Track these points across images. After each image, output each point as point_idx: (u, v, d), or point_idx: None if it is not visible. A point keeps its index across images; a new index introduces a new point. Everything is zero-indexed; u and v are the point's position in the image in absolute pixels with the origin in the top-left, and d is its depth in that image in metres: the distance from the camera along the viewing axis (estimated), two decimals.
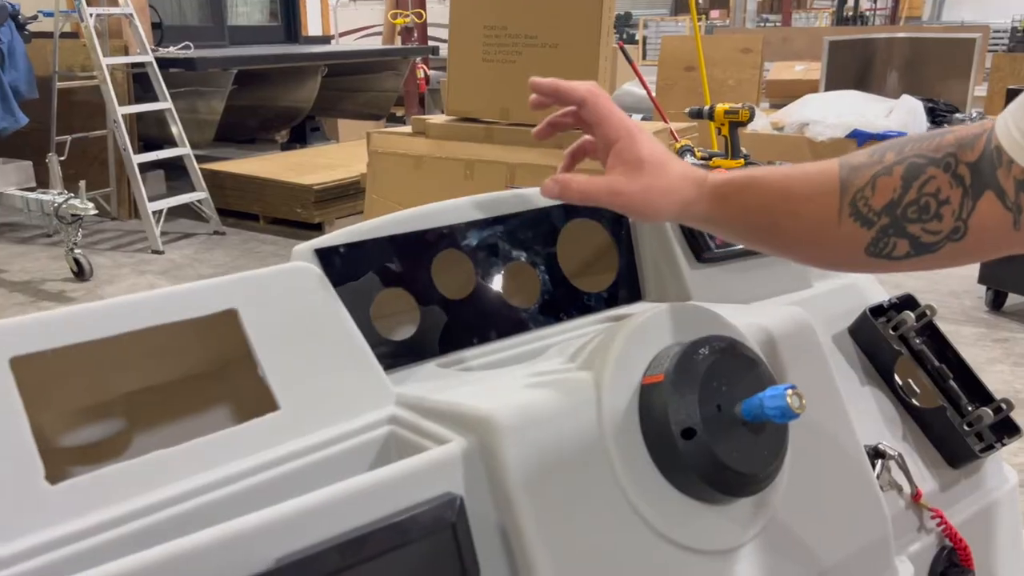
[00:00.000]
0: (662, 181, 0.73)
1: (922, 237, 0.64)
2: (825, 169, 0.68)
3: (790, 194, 0.69)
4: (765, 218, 0.71)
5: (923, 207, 0.63)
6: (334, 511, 0.57)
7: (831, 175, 0.67)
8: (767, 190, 0.71)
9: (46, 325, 0.61)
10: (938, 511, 0.89)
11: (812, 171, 0.69)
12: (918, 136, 0.66)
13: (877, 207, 0.65)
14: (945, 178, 0.62)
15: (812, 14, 18.84)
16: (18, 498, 0.56)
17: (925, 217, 0.63)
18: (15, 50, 4.72)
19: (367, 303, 0.83)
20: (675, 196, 0.73)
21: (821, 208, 0.67)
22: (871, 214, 0.65)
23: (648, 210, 0.73)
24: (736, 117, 2.97)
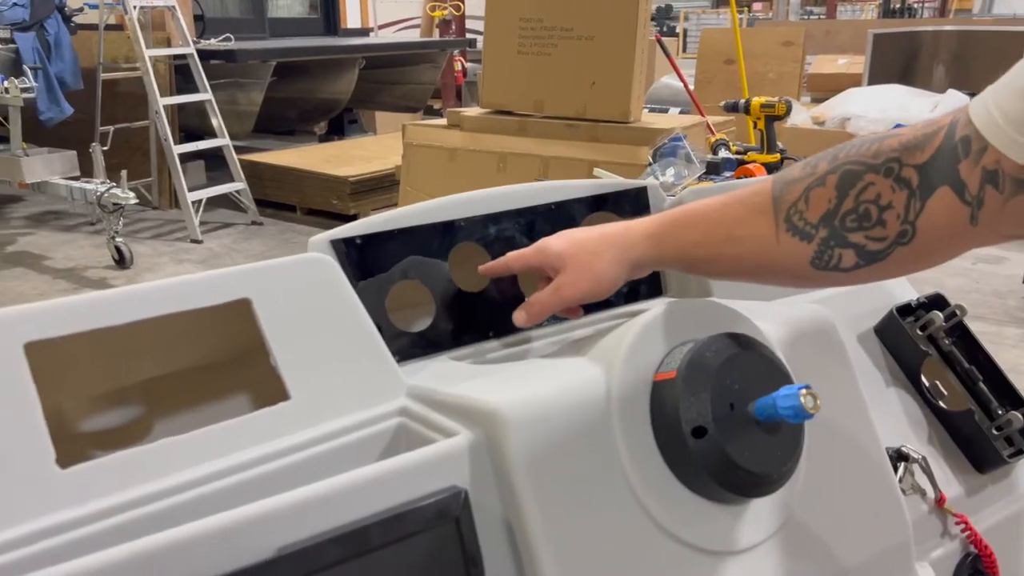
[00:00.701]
0: (586, 255, 0.76)
1: (867, 245, 0.63)
2: (758, 190, 0.68)
3: (724, 221, 0.69)
4: (704, 250, 0.71)
5: (863, 215, 0.62)
6: (337, 502, 0.57)
7: (764, 194, 0.67)
8: (701, 221, 0.71)
9: (61, 311, 0.62)
10: (963, 517, 0.86)
11: (745, 194, 0.69)
12: (854, 143, 0.64)
13: (813, 219, 0.64)
14: (886, 183, 0.61)
15: (858, 7, 18.49)
16: (28, 481, 0.57)
17: (867, 224, 0.62)
18: (61, 42, 4.82)
19: (382, 294, 0.83)
20: (607, 256, 0.75)
21: (757, 229, 0.67)
22: (808, 227, 0.64)
23: (593, 284, 0.76)
24: (772, 111, 2.92)
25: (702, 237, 0.71)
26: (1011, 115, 0.54)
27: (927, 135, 0.60)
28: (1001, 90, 0.56)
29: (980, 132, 0.57)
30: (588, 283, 0.76)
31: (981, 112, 0.57)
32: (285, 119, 6.95)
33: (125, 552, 0.50)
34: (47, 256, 4.46)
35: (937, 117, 0.61)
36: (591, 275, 0.76)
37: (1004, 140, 0.55)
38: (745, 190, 0.70)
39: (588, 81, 3.70)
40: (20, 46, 4.65)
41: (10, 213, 5.37)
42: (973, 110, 0.58)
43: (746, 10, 17.75)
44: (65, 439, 0.61)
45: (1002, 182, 0.56)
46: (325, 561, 0.55)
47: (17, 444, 0.57)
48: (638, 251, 0.74)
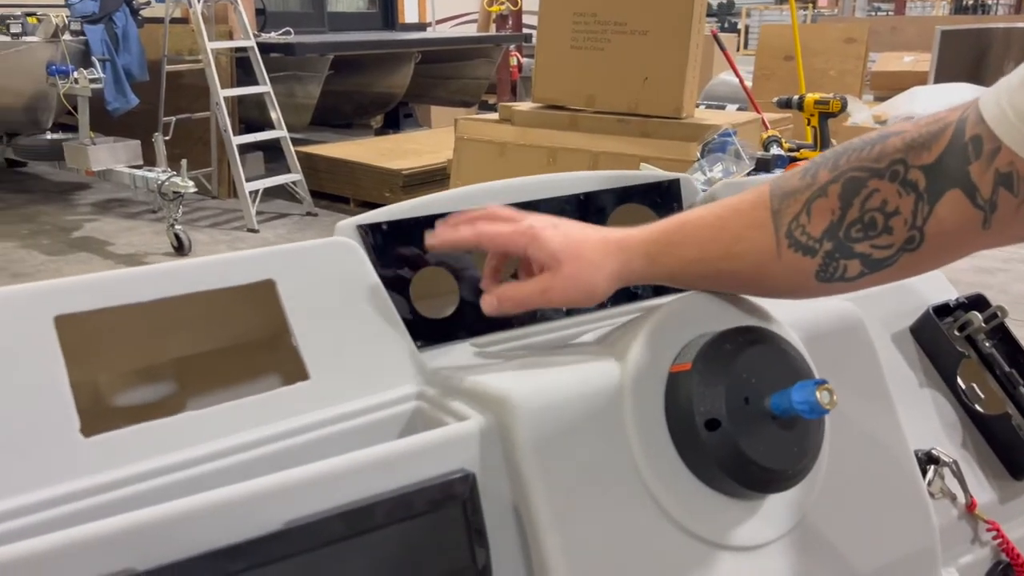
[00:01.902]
0: (584, 262, 0.69)
1: (873, 254, 0.60)
2: (756, 202, 0.64)
3: (721, 238, 0.66)
4: (703, 267, 0.67)
5: (868, 224, 0.59)
6: (345, 480, 0.58)
7: (762, 206, 0.63)
8: (697, 238, 0.67)
9: (91, 286, 0.65)
10: (995, 523, 0.84)
11: (742, 206, 0.66)
12: (855, 144, 0.61)
13: (816, 234, 0.61)
14: (892, 188, 0.58)
15: (928, 3, 17.96)
16: (53, 448, 0.59)
17: (872, 233, 0.59)
18: (129, 34, 4.98)
19: (407, 280, 0.84)
20: (605, 269, 0.69)
21: (757, 245, 0.64)
22: (811, 242, 0.61)
23: (585, 293, 0.70)
24: (826, 108, 2.86)
25: (699, 254, 0.67)
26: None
27: (932, 133, 0.57)
28: (1017, 87, 0.53)
29: (993, 131, 0.54)
30: (581, 294, 0.70)
31: (994, 110, 0.54)
32: (341, 112, 7.05)
33: (136, 518, 0.52)
34: (110, 242, 4.61)
35: (942, 112, 0.58)
36: (586, 287, 0.70)
37: (1020, 140, 0.52)
38: (741, 200, 0.66)
39: (641, 76, 3.68)
40: (90, 38, 4.82)
41: (77, 200, 5.57)
42: (985, 108, 0.55)
43: (810, 6, 17.38)
44: (92, 412, 0.63)
45: (1017, 185, 0.53)
46: (331, 536, 0.56)
47: (43, 412, 0.60)
48: (634, 267, 0.70)
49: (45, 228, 4.88)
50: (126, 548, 0.51)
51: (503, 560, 0.62)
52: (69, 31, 4.83)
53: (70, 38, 4.82)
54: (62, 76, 4.69)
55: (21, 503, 0.56)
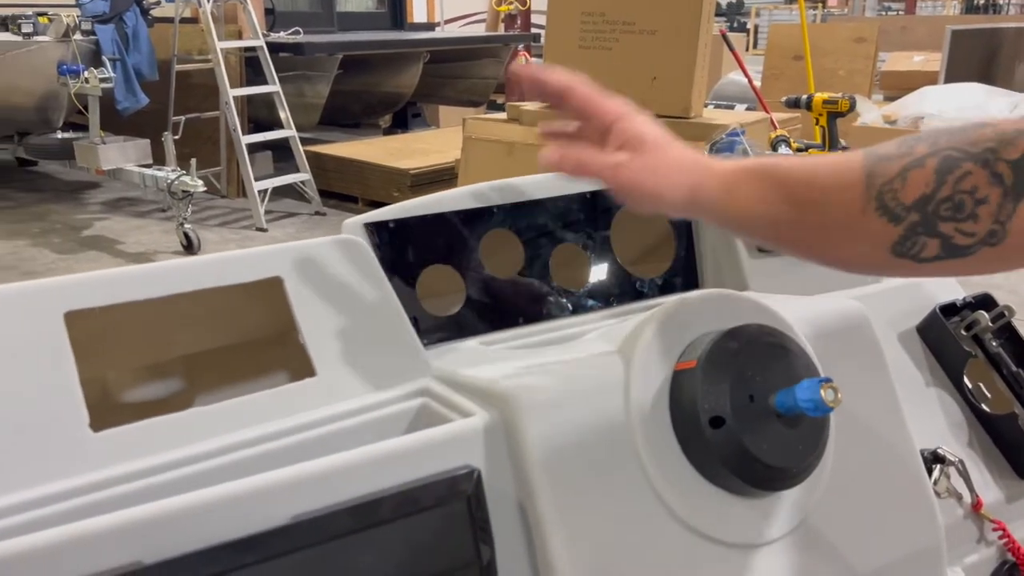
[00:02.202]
0: (668, 157, 0.65)
1: (955, 238, 0.58)
2: (850, 158, 0.62)
3: (810, 183, 0.62)
4: (783, 209, 0.63)
5: (957, 204, 0.57)
6: (351, 475, 0.58)
7: (855, 164, 0.61)
8: (786, 178, 0.63)
9: (101, 283, 0.65)
10: (1000, 523, 0.84)
11: (835, 160, 0.63)
12: (953, 128, 0.60)
13: (907, 201, 0.59)
14: (983, 175, 0.56)
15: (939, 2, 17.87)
16: (62, 443, 0.60)
17: (959, 216, 0.57)
18: (139, 34, 5.00)
19: (413, 278, 0.84)
20: (682, 177, 0.65)
21: (844, 199, 0.61)
22: (900, 209, 0.59)
23: (652, 190, 0.65)
24: (835, 107, 2.85)
25: (781, 195, 0.63)
26: None
27: (1019, 130, 0.56)
28: None
29: None
30: (649, 188, 0.65)
31: None
32: (350, 112, 7.07)
33: (144, 512, 0.52)
34: (120, 240, 4.63)
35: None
36: (656, 184, 0.65)
37: None
38: (835, 157, 0.64)
39: (649, 76, 3.67)
40: (100, 38, 4.84)
41: (87, 198, 5.60)
42: None
43: (820, 6, 17.31)
44: (101, 407, 0.64)
45: None
46: (337, 531, 0.56)
47: (53, 407, 0.60)
48: (707, 192, 0.65)
49: (55, 227, 4.90)
50: (134, 542, 0.52)
51: (507, 556, 0.62)
52: (80, 31, 4.86)
53: (81, 38, 4.84)
54: (73, 75, 4.72)
55: (31, 496, 0.57)
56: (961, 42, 6.39)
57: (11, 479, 0.57)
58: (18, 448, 0.58)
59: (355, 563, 0.57)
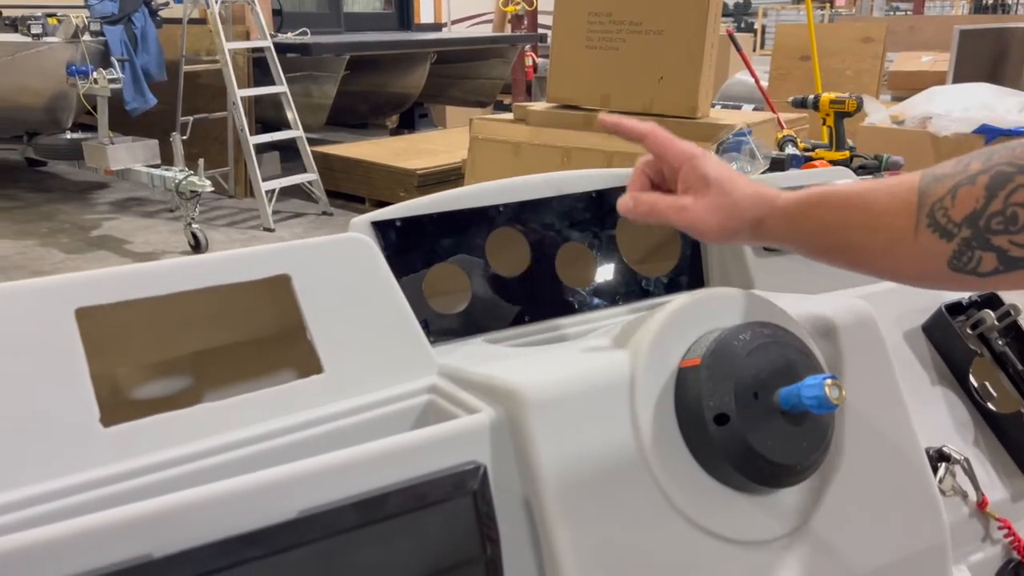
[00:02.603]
0: (730, 198, 0.71)
1: (1010, 251, 0.59)
2: (904, 181, 0.65)
3: (866, 208, 0.66)
4: (842, 234, 0.67)
5: (1010, 218, 0.58)
6: (358, 470, 0.59)
7: (910, 187, 0.64)
8: (843, 205, 0.67)
9: (111, 280, 0.66)
10: (1006, 522, 0.84)
11: (891, 183, 0.66)
12: (1011, 144, 0.61)
13: (957, 218, 0.61)
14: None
15: (947, 2, 17.82)
16: (74, 438, 0.60)
17: (1013, 228, 0.58)
18: (148, 35, 5.03)
19: (420, 277, 0.85)
20: (746, 214, 0.71)
21: (898, 221, 0.63)
22: (950, 225, 0.61)
23: (717, 228, 0.71)
24: (842, 107, 2.85)
25: (840, 220, 0.67)
26: None
27: None
28: None
29: None
30: (714, 226, 0.71)
31: None
32: (357, 112, 7.09)
33: (153, 506, 0.53)
34: (128, 240, 4.65)
35: None
36: (721, 220, 0.71)
37: None
38: (891, 180, 0.67)
39: (656, 76, 3.67)
40: (109, 39, 4.87)
41: (96, 198, 5.63)
42: None
43: (828, 6, 17.27)
44: (111, 403, 0.64)
45: None
46: (343, 525, 0.57)
47: (64, 403, 0.61)
48: (771, 225, 0.71)
49: (64, 226, 4.93)
50: (144, 535, 0.52)
51: (513, 551, 0.62)
52: (89, 32, 4.89)
53: (90, 39, 4.87)
54: (82, 76, 4.74)
55: (43, 490, 0.58)
56: (969, 42, 6.37)
57: (24, 473, 0.58)
58: (30, 443, 0.59)
59: (361, 558, 0.57)
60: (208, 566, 0.53)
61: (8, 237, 4.68)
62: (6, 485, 0.57)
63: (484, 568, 0.60)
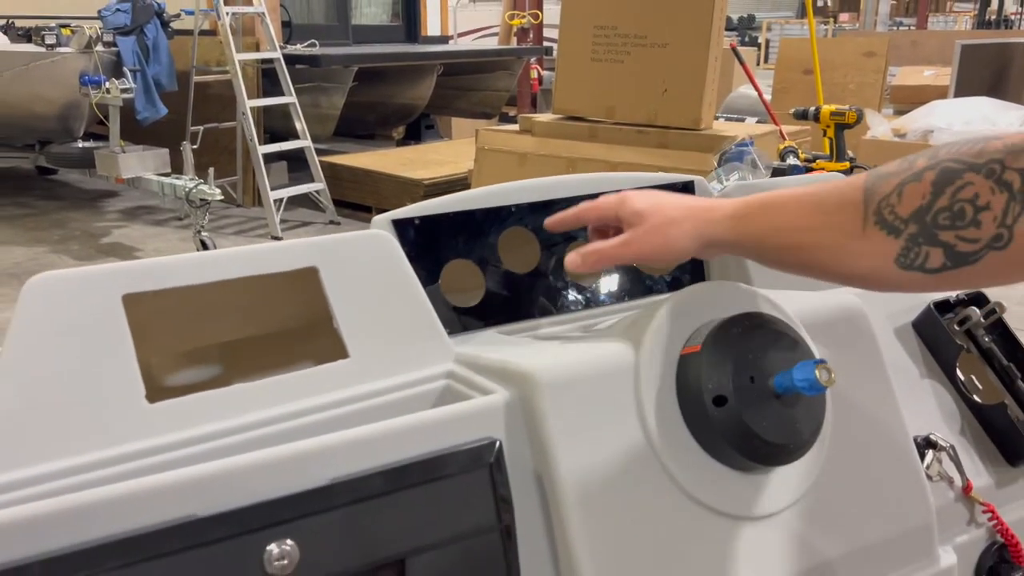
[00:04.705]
0: (666, 217, 0.73)
1: (957, 246, 0.59)
2: (851, 181, 0.66)
3: (813, 208, 0.67)
4: (791, 236, 0.68)
5: (957, 213, 0.59)
6: (384, 443, 0.64)
7: (855, 186, 0.65)
8: (789, 207, 0.68)
9: (155, 269, 0.71)
10: (990, 506, 0.88)
11: (839, 184, 0.67)
12: (957, 142, 0.62)
13: (904, 214, 0.61)
14: (985, 184, 0.58)
15: (950, 17, 17.90)
16: (122, 412, 0.66)
17: (960, 224, 0.59)
18: (159, 46, 5.10)
19: (437, 271, 0.90)
20: (686, 226, 0.72)
21: (844, 220, 0.64)
22: (897, 221, 0.62)
23: (663, 247, 0.73)
24: (842, 119, 2.91)
25: (788, 222, 0.68)
26: None
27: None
28: None
29: None
30: (658, 246, 0.74)
31: None
32: (365, 123, 7.16)
33: (198, 471, 0.58)
34: (138, 248, 4.72)
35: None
36: (663, 239, 0.73)
37: None
38: (839, 181, 0.68)
39: (660, 88, 3.74)
40: (121, 49, 4.95)
41: (106, 207, 5.70)
42: None
43: (831, 21, 17.35)
44: (155, 381, 0.69)
45: None
46: (371, 492, 0.62)
47: (113, 380, 0.66)
48: (718, 229, 0.72)
49: (75, 234, 5.00)
50: (189, 497, 0.57)
51: (525, 520, 0.67)
52: (102, 42, 4.96)
53: (102, 49, 4.95)
54: (94, 86, 4.82)
55: (96, 458, 0.63)
56: (971, 57, 6.43)
57: (77, 444, 0.63)
58: (83, 417, 0.64)
59: (386, 523, 0.62)
60: (247, 526, 0.58)
61: (21, 244, 4.75)
62: (63, 453, 0.62)
63: (499, 535, 0.65)
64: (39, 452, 0.62)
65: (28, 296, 0.67)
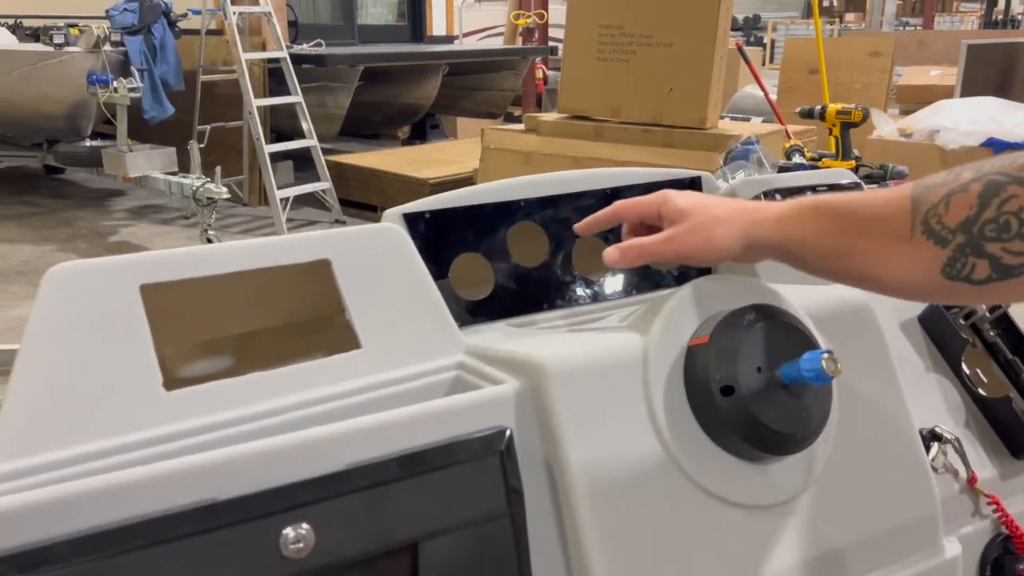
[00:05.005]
0: (711, 216, 0.74)
1: (1003, 258, 0.60)
2: (898, 190, 0.67)
3: (859, 214, 0.67)
4: (837, 239, 0.68)
5: (1003, 225, 0.60)
6: (398, 430, 0.65)
7: (902, 195, 0.66)
8: (836, 211, 0.69)
9: (172, 260, 0.73)
10: (995, 498, 0.89)
11: (886, 192, 0.68)
12: (1003, 156, 0.63)
13: (951, 224, 0.62)
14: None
15: (957, 17, 17.87)
16: (140, 399, 0.67)
17: (1005, 236, 0.60)
18: (166, 45, 5.13)
19: (447, 264, 0.91)
20: (730, 226, 0.73)
21: (893, 226, 0.65)
22: (945, 231, 0.62)
23: (706, 245, 0.74)
24: (848, 118, 2.91)
25: (834, 227, 0.68)
26: None
27: None
28: None
29: None
30: (700, 244, 0.74)
31: None
32: (370, 123, 7.19)
33: (218, 455, 0.59)
34: (145, 246, 4.74)
35: None
36: (706, 238, 0.74)
37: None
38: (886, 189, 0.69)
39: (666, 87, 3.75)
40: (128, 49, 4.98)
41: (113, 206, 5.73)
42: None
43: (837, 21, 17.34)
44: (172, 370, 0.71)
45: None
46: (385, 477, 0.63)
47: (131, 368, 0.67)
48: (763, 231, 0.72)
49: (82, 233, 5.03)
50: (208, 481, 0.58)
51: (535, 508, 0.68)
52: (109, 42, 5.00)
53: (110, 49, 4.98)
54: (102, 85, 4.85)
55: (115, 444, 0.64)
56: (977, 56, 6.42)
57: (96, 429, 0.64)
58: (101, 404, 0.66)
59: (400, 508, 0.63)
60: (264, 509, 0.59)
61: (29, 242, 4.77)
62: (83, 439, 0.64)
63: (510, 520, 0.66)
64: (60, 437, 0.63)
65: (48, 286, 0.68)
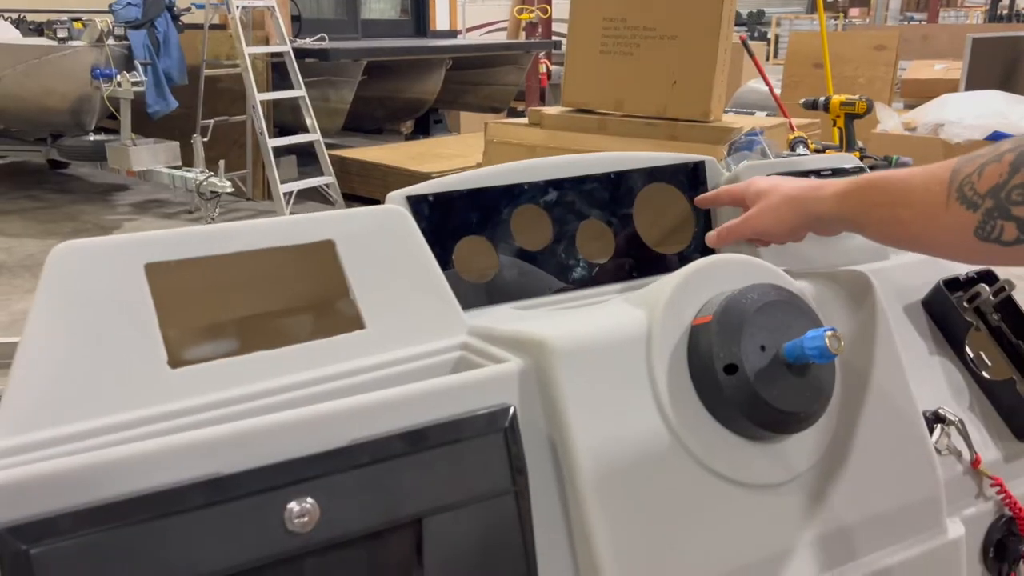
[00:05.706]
0: (782, 196, 0.86)
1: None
2: (942, 164, 0.73)
3: (906, 186, 0.74)
4: (886, 210, 0.76)
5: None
6: (401, 407, 0.65)
7: (945, 166, 0.72)
8: (885, 185, 0.77)
9: (176, 239, 0.73)
10: (998, 479, 0.89)
11: (931, 168, 0.74)
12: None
13: (982, 191, 0.67)
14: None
15: (962, 12, 17.79)
16: (145, 376, 0.67)
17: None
18: (170, 40, 5.14)
19: (450, 247, 0.91)
20: (795, 204, 0.85)
21: (932, 195, 0.71)
22: (976, 197, 0.68)
23: (776, 222, 0.86)
24: (852, 109, 2.90)
25: (883, 198, 0.76)
26: None
27: None
28: None
29: None
30: (770, 221, 0.87)
31: None
32: (373, 117, 7.18)
33: (223, 431, 0.60)
34: None
35: None
36: (775, 215, 0.86)
37: None
38: (931, 165, 0.75)
39: (669, 80, 3.74)
40: (132, 43, 4.98)
41: (117, 200, 5.73)
42: None
43: (841, 15, 17.28)
44: (176, 348, 0.71)
45: None
46: (389, 453, 0.63)
47: (137, 346, 0.68)
48: (824, 206, 0.82)
49: (87, 227, 5.03)
50: (214, 455, 0.59)
51: (539, 485, 0.68)
52: (113, 36, 5.00)
53: (114, 43, 4.98)
54: (106, 79, 4.85)
55: (120, 420, 0.64)
56: (982, 50, 6.40)
57: (102, 406, 0.65)
58: (108, 380, 0.66)
59: (403, 484, 0.63)
60: (269, 483, 0.59)
61: (34, 236, 4.78)
62: (86, 414, 0.64)
63: (514, 496, 0.67)
64: (65, 414, 0.64)
65: (53, 264, 0.68)
